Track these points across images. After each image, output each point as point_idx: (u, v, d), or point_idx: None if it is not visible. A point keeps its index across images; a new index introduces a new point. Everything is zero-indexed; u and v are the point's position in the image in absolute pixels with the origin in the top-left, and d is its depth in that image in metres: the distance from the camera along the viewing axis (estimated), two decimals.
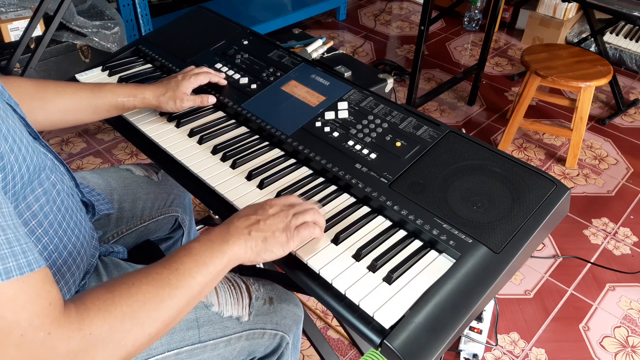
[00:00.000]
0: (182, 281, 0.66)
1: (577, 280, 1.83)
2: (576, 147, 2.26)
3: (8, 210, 0.55)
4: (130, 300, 0.62)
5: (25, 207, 0.67)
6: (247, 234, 0.74)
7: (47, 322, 0.55)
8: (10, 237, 0.54)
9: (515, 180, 0.85)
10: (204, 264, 0.69)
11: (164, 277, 0.66)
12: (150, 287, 0.64)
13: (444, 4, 3.33)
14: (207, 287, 0.70)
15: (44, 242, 0.71)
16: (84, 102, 0.99)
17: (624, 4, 2.03)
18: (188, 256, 0.69)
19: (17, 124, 0.65)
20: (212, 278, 0.70)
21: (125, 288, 0.63)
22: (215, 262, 0.70)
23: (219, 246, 0.71)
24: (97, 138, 2.39)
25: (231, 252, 0.72)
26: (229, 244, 0.72)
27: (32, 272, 0.55)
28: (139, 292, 0.63)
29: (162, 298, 0.64)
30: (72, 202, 0.80)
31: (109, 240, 1.08)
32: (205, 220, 1.97)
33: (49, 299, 0.56)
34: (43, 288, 0.56)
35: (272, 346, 0.97)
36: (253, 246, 0.74)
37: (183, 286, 0.66)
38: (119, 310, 0.60)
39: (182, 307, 0.66)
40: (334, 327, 1.64)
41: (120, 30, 2.35)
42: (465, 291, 0.73)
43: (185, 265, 0.68)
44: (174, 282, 0.66)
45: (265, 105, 1.08)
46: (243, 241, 0.73)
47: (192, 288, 0.67)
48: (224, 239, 0.72)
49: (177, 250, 0.71)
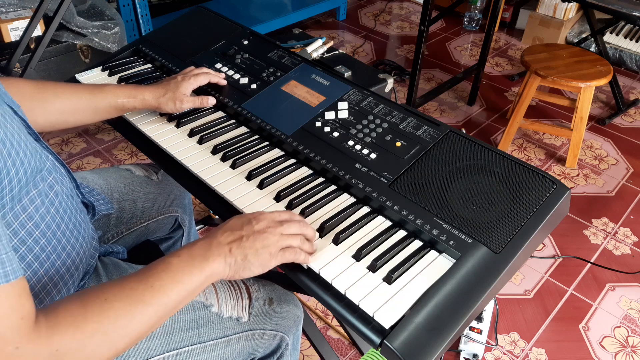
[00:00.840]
0: (156, 298, 0.65)
1: (577, 280, 1.83)
2: (576, 147, 2.26)
3: None
4: (101, 316, 0.61)
5: (20, 209, 0.66)
6: (227, 250, 0.72)
7: (17, 337, 0.54)
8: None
9: (515, 180, 0.85)
10: (181, 281, 0.68)
11: (138, 293, 0.65)
12: (123, 304, 0.63)
13: (444, 4, 3.33)
14: (181, 303, 0.69)
15: (42, 243, 0.70)
16: (84, 103, 0.99)
17: (624, 4, 2.03)
18: (166, 272, 0.68)
19: (16, 127, 0.65)
20: (187, 295, 0.69)
21: (98, 303, 0.62)
22: (193, 279, 0.69)
23: (199, 263, 0.70)
24: (97, 138, 2.39)
25: (209, 270, 0.70)
26: (209, 261, 0.70)
27: (7, 283, 0.54)
28: (111, 308, 0.62)
29: (134, 315, 0.63)
30: (72, 203, 0.80)
31: (108, 241, 1.08)
32: (205, 220, 1.97)
33: (22, 312, 0.55)
34: (18, 301, 0.55)
35: (272, 347, 0.97)
36: (232, 263, 0.72)
37: (156, 303, 0.65)
38: (90, 327, 0.60)
39: (152, 323, 0.66)
40: (334, 327, 1.64)
41: (120, 30, 2.35)
42: (465, 291, 0.73)
43: (162, 281, 0.66)
44: (147, 299, 0.65)
45: (265, 105, 1.08)
46: (222, 258, 0.71)
47: (165, 305, 0.66)
48: (204, 255, 0.71)
49: (156, 262, 0.69)
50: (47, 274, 0.72)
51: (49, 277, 0.73)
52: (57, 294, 0.75)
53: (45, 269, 0.72)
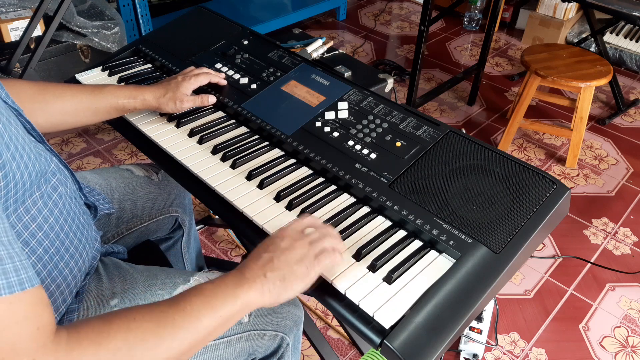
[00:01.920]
0: (187, 322, 0.62)
1: (577, 280, 1.83)
2: (576, 147, 2.26)
3: (3, 226, 0.54)
4: (128, 335, 0.59)
5: (24, 211, 0.67)
6: (262, 276, 0.68)
7: (33, 348, 0.52)
8: (3, 254, 0.52)
9: (515, 180, 0.85)
10: (214, 307, 0.65)
11: (168, 316, 0.62)
12: (152, 325, 0.60)
13: (444, 4, 3.33)
14: (215, 332, 0.66)
15: (45, 245, 0.70)
16: (84, 104, 0.99)
17: (624, 4, 2.03)
18: (198, 297, 0.65)
19: (19, 130, 0.65)
20: (221, 323, 0.65)
21: (125, 322, 0.60)
22: (227, 306, 0.66)
23: (233, 290, 0.67)
24: (97, 138, 2.39)
25: (246, 297, 0.67)
26: (244, 288, 0.67)
27: (22, 291, 0.52)
28: (139, 328, 0.59)
29: (163, 338, 0.60)
30: (75, 205, 0.80)
31: (109, 241, 1.08)
32: (205, 220, 1.97)
33: (38, 322, 0.53)
34: (33, 310, 0.53)
35: (273, 347, 0.97)
36: (272, 288, 0.69)
37: (187, 327, 0.62)
38: (113, 345, 0.57)
39: (183, 349, 0.62)
40: (334, 327, 1.64)
41: (120, 30, 2.35)
42: (465, 291, 0.73)
43: (194, 305, 0.64)
44: (178, 322, 0.62)
45: (265, 105, 1.08)
46: (259, 284, 0.68)
47: (197, 331, 0.63)
48: (238, 282, 0.68)
49: (189, 289, 0.67)
50: (50, 275, 0.72)
51: (52, 279, 0.73)
52: (59, 296, 0.75)
53: (48, 270, 0.72)
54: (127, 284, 0.87)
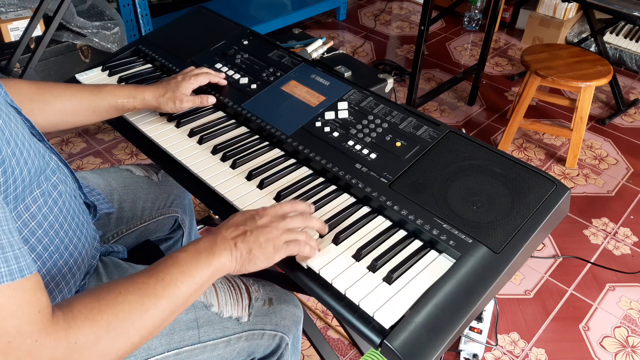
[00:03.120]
0: (168, 291, 0.67)
1: (577, 280, 1.83)
2: (576, 147, 2.26)
3: (3, 215, 0.55)
4: (116, 309, 0.62)
5: (23, 209, 0.67)
6: (233, 245, 0.73)
7: (35, 330, 0.55)
8: (4, 243, 0.54)
9: (515, 180, 0.85)
10: (190, 275, 0.69)
11: (150, 287, 0.66)
12: (136, 297, 0.64)
13: (444, 4, 3.33)
14: (191, 297, 0.70)
15: (45, 243, 0.71)
16: (84, 104, 0.99)
17: (624, 4, 2.03)
18: (174, 266, 0.69)
19: (19, 127, 0.65)
20: (197, 288, 0.70)
21: (112, 297, 0.63)
22: (201, 272, 0.70)
23: (206, 257, 0.71)
24: (97, 138, 2.39)
25: (217, 263, 0.72)
26: (215, 255, 0.72)
27: (23, 278, 0.55)
28: (125, 301, 0.63)
29: (147, 307, 0.65)
30: (75, 204, 0.80)
31: (109, 240, 1.08)
32: (205, 220, 1.97)
33: (38, 306, 0.56)
34: (33, 295, 0.56)
35: (272, 347, 0.97)
36: (238, 257, 0.73)
37: (168, 296, 0.67)
38: (105, 319, 0.61)
39: (166, 316, 0.67)
40: (334, 327, 1.64)
41: (120, 31, 2.35)
42: (465, 291, 0.73)
43: (172, 275, 0.68)
44: (159, 292, 0.66)
45: (265, 105, 1.08)
46: (229, 252, 0.73)
47: (177, 298, 0.68)
48: (210, 250, 0.72)
49: (164, 258, 0.71)
50: (50, 273, 0.73)
51: (51, 277, 0.73)
52: (58, 294, 0.75)
53: (48, 268, 0.72)
54: None
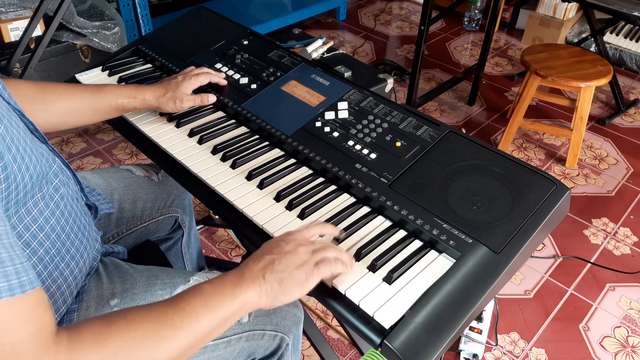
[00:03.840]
0: (187, 322, 0.63)
1: (577, 280, 1.83)
2: (576, 147, 2.26)
3: (4, 228, 0.54)
4: (127, 336, 0.59)
5: (25, 212, 0.67)
6: (261, 277, 0.69)
7: (34, 349, 0.53)
8: (4, 257, 0.52)
9: (515, 180, 0.85)
10: (213, 307, 0.65)
11: (168, 316, 0.62)
12: (152, 325, 0.61)
13: (444, 4, 3.33)
14: (214, 332, 0.66)
15: (46, 246, 0.70)
16: (84, 104, 0.99)
17: (624, 4, 2.03)
18: (197, 297, 0.65)
19: (21, 132, 0.65)
20: (220, 323, 0.66)
21: (124, 323, 0.60)
22: (226, 306, 0.66)
23: (231, 290, 0.67)
24: (97, 138, 2.39)
25: (244, 297, 0.67)
26: (242, 288, 0.68)
27: (23, 293, 0.52)
28: (139, 329, 0.60)
29: (162, 337, 0.61)
30: (76, 206, 0.80)
31: (109, 241, 1.08)
32: (205, 220, 1.97)
33: (39, 324, 0.54)
34: (34, 312, 0.54)
35: (272, 347, 0.97)
36: (269, 290, 0.69)
37: (187, 328, 0.63)
38: (114, 346, 0.58)
39: (183, 349, 0.63)
40: (334, 327, 1.64)
41: (120, 31, 2.35)
42: (465, 291, 0.73)
43: (192, 306, 0.64)
44: (177, 323, 0.62)
45: (265, 105, 1.08)
46: (257, 286, 0.68)
47: (196, 331, 0.63)
48: (237, 283, 0.68)
49: (188, 289, 0.67)
50: (51, 276, 0.72)
51: (53, 280, 0.73)
52: (60, 296, 0.75)
53: (49, 271, 0.72)
54: (127, 284, 0.87)
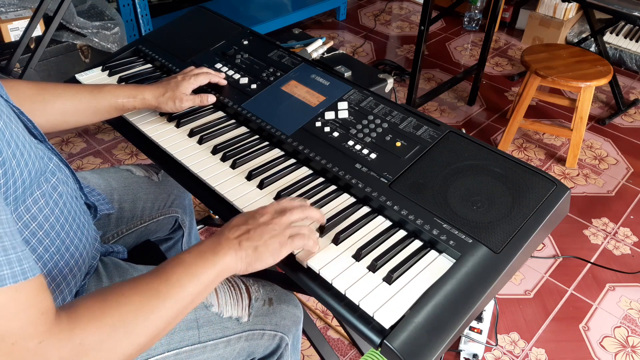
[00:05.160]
0: (172, 291, 0.66)
1: (577, 280, 1.83)
2: (576, 147, 2.26)
3: (6, 217, 0.55)
4: (120, 310, 0.62)
5: (24, 210, 0.67)
6: (237, 244, 0.73)
7: (39, 331, 0.55)
8: (7, 245, 0.54)
9: (515, 180, 0.85)
10: (195, 275, 0.69)
11: (154, 287, 0.66)
12: (141, 297, 0.64)
13: (444, 4, 3.33)
14: (197, 298, 0.70)
15: (45, 244, 0.71)
16: (84, 104, 0.99)
17: (624, 4, 2.03)
18: (179, 266, 0.69)
19: (20, 129, 0.65)
20: (202, 289, 0.70)
21: (115, 298, 0.63)
22: (207, 272, 0.70)
23: (210, 257, 0.71)
24: (97, 138, 2.39)
25: (222, 263, 0.71)
26: (219, 255, 0.72)
27: (26, 280, 0.54)
28: (130, 302, 0.63)
29: (152, 308, 0.64)
30: (76, 204, 0.80)
31: (109, 240, 1.08)
32: (205, 220, 1.97)
33: (42, 307, 0.56)
34: (37, 297, 0.56)
35: (272, 347, 0.97)
36: (244, 256, 0.73)
37: (173, 296, 0.66)
38: (110, 320, 0.60)
39: (172, 317, 0.67)
40: (334, 327, 1.64)
41: (120, 31, 2.35)
42: (465, 291, 0.73)
43: (176, 275, 0.68)
44: (163, 292, 0.65)
45: (265, 105, 1.08)
46: (233, 251, 0.73)
47: (182, 298, 0.67)
48: (214, 250, 0.72)
49: (168, 260, 0.71)
50: (50, 274, 0.73)
51: (52, 278, 0.73)
52: (59, 295, 0.75)
53: (49, 269, 0.72)
54: None
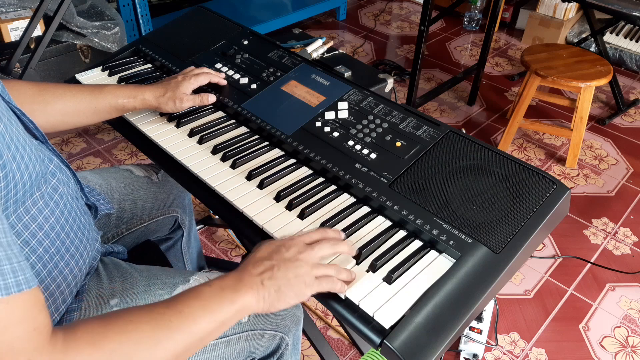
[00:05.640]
0: (184, 324, 0.63)
1: (577, 280, 1.83)
2: (576, 147, 2.26)
3: (2, 227, 0.54)
4: (123, 337, 0.59)
5: (24, 211, 0.67)
6: (260, 283, 0.69)
7: (29, 348, 0.53)
8: (0, 256, 0.52)
9: (515, 180, 0.85)
10: (211, 311, 0.65)
11: (165, 318, 0.62)
12: (149, 327, 0.61)
13: (444, 4, 3.33)
14: (211, 335, 0.66)
15: (45, 245, 0.70)
16: (84, 104, 0.99)
17: (624, 4, 2.03)
18: (195, 299, 0.66)
19: (20, 132, 0.65)
20: (217, 326, 0.66)
21: (122, 324, 0.60)
22: (224, 310, 0.66)
23: (230, 294, 0.67)
24: (97, 138, 2.39)
25: (241, 302, 0.68)
26: (240, 293, 0.68)
27: (19, 292, 0.53)
28: (136, 330, 0.60)
29: (159, 339, 0.61)
30: (76, 205, 0.80)
31: (109, 241, 1.08)
32: (205, 220, 1.97)
33: (34, 324, 0.54)
34: (29, 312, 0.54)
35: (272, 347, 0.97)
36: (266, 296, 0.69)
37: (184, 330, 0.63)
38: (109, 347, 0.58)
39: (179, 352, 0.63)
40: (334, 327, 1.64)
41: (120, 30, 2.35)
42: (465, 291, 0.73)
43: (191, 308, 0.64)
44: (175, 324, 0.62)
45: (265, 105, 1.08)
46: (255, 291, 0.69)
47: (193, 333, 0.64)
48: (235, 287, 0.68)
49: (187, 291, 0.67)
50: (50, 275, 0.72)
51: (52, 278, 0.73)
52: (59, 295, 0.75)
53: (49, 270, 0.72)
54: (127, 284, 0.87)
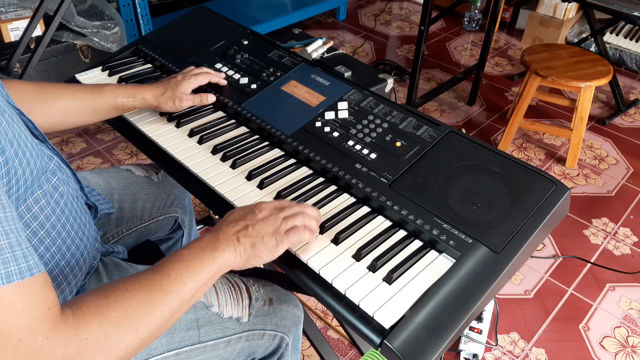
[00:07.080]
0: (174, 286, 0.67)
1: (577, 280, 1.83)
2: (576, 147, 2.26)
3: (11, 214, 0.56)
4: (124, 305, 0.63)
5: (25, 209, 0.67)
6: (235, 240, 0.74)
7: (46, 327, 0.55)
8: (13, 242, 0.54)
9: (515, 180, 0.85)
10: (195, 270, 0.70)
11: (156, 283, 0.67)
12: (143, 293, 0.65)
13: (444, 4, 3.33)
14: (198, 293, 0.71)
15: (47, 243, 0.71)
16: (84, 104, 0.99)
17: (624, 4, 2.03)
18: (179, 262, 0.70)
19: (22, 129, 0.66)
20: (202, 284, 0.71)
21: (119, 293, 0.63)
22: (206, 268, 0.71)
23: (209, 253, 0.72)
24: (97, 138, 2.39)
25: (221, 259, 0.73)
26: (219, 250, 0.73)
27: (32, 276, 0.55)
28: (132, 297, 0.64)
29: (155, 303, 0.65)
30: (76, 204, 0.80)
31: (109, 240, 1.08)
32: (205, 220, 1.97)
33: (47, 303, 0.56)
34: (42, 293, 0.56)
35: (272, 347, 0.97)
36: (242, 252, 0.74)
37: (175, 291, 0.67)
38: (114, 315, 0.61)
39: (173, 311, 0.68)
40: (334, 327, 1.64)
41: (120, 30, 2.35)
42: (465, 291, 0.73)
43: (177, 271, 0.68)
44: (165, 288, 0.67)
45: (265, 105, 1.08)
46: (232, 247, 0.74)
47: (183, 293, 0.68)
48: (213, 245, 0.73)
49: (168, 256, 0.71)
50: (51, 273, 0.73)
51: (53, 277, 0.73)
52: (60, 294, 0.75)
53: (49, 268, 0.72)
54: None
